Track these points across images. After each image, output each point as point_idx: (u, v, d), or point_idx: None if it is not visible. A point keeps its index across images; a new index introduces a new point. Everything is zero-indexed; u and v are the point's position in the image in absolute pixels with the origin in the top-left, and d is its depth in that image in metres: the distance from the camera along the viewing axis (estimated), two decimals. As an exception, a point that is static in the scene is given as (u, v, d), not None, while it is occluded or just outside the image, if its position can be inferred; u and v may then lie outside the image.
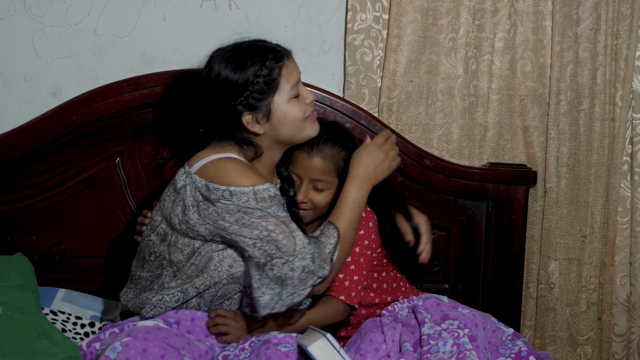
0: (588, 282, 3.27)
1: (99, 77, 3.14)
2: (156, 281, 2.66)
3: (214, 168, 2.55)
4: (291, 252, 2.52)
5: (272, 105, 2.58)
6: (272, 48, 2.61)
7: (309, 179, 2.76)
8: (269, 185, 2.53)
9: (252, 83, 2.55)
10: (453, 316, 2.64)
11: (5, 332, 2.52)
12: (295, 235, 2.53)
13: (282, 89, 2.58)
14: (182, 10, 3.13)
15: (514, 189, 3.15)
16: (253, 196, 2.50)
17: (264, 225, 2.51)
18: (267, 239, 2.51)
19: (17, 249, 3.11)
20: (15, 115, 3.13)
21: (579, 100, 3.20)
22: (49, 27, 3.13)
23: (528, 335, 3.28)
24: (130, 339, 2.43)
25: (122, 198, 3.12)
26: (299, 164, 2.76)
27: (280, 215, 2.53)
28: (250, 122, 2.58)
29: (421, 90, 3.17)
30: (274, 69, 2.57)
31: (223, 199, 2.51)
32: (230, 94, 2.56)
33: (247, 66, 2.55)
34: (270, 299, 2.55)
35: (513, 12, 3.16)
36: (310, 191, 2.76)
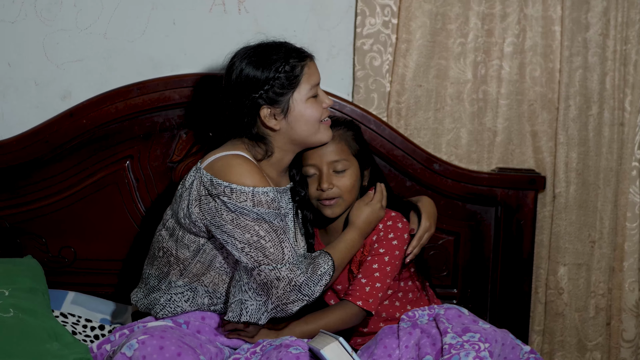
0: (597, 287, 3.27)
1: (108, 81, 3.14)
2: (164, 280, 2.68)
3: (221, 164, 2.58)
4: (279, 260, 2.54)
5: (291, 101, 2.61)
6: (296, 49, 2.66)
7: (326, 164, 2.75)
8: (269, 189, 2.55)
9: (274, 78, 2.59)
10: (474, 329, 2.62)
11: (16, 334, 2.53)
12: (284, 246, 2.55)
13: (302, 87, 2.62)
14: (192, 14, 3.14)
15: (522, 194, 3.15)
16: (251, 197, 2.52)
17: (256, 229, 2.53)
18: (256, 245, 2.53)
19: (27, 252, 3.11)
20: (25, 118, 3.14)
21: (588, 106, 3.20)
22: (59, 31, 3.13)
23: (537, 340, 3.28)
24: (147, 337, 2.44)
25: (132, 202, 3.12)
26: (311, 156, 2.76)
27: (274, 223, 2.55)
28: (267, 116, 2.61)
29: (430, 95, 3.18)
30: (296, 66, 2.61)
31: (223, 195, 2.53)
32: (251, 88, 2.59)
33: (270, 62, 2.59)
34: (256, 309, 2.58)
35: (522, 17, 3.16)
36: (332, 176, 2.75)
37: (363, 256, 2.77)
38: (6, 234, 3.11)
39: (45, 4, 3.11)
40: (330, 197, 2.75)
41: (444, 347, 2.57)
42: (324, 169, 2.75)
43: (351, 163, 2.76)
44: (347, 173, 2.76)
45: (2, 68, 3.14)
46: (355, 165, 2.78)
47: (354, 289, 2.72)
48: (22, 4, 3.11)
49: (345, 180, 2.75)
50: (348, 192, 2.76)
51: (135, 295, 2.76)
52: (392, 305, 2.81)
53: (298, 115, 2.62)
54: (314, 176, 2.77)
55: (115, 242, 3.12)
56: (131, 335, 2.51)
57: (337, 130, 2.77)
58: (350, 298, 2.71)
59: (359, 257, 2.78)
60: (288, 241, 2.57)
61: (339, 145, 2.76)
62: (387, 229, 2.77)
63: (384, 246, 2.75)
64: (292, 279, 2.55)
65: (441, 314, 2.71)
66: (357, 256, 2.78)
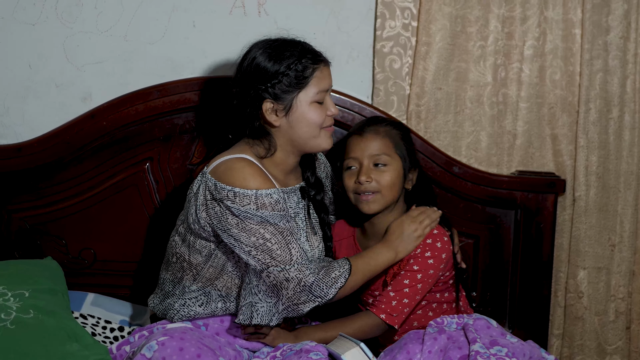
0: (617, 291, 3.26)
1: (128, 83, 3.15)
2: (178, 285, 2.69)
3: (224, 168, 2.58)
4: (287, 261, 2.53)
5: (295, 100, 2.60)
6: (313, 50, 2.65)
7: (367, 157, 2.75)
8: (273, 190, 2.54)
9: (283, 74, 2.58)
10: (502, 343, 2.61)
11: (36, 335, 2.54)
12: (291, 247, 2.54)
13: (309, 89, 2.61)
14: (212, 16, 3.15)
15: (542, 197, 3.14)
16: (254, 200, 2.51)
17: (261, 232, 2.52)
18: (262, 248, 2.53)
19: (47, 254, 3.13)
20: (46, 120, 3.15)
21: (609, 109, 3.19)
22: (80, 33, 3.15)
23: (556, 344, 3.27)
24: (166, 338, 2.45)
25: (151, 203, 3.13)
26: (354, 148, 2.77)
27: (279, 225, 2.54)
28: (269, 110, 2.60)
29: (450, 98, 3.17)
30: (308, 67, 2.60)
31: (227, 199, 2.53)
32: (259, 79, 2.59)
33: (284, 57, 2.59)
34: (267, 310, 2.58)
35: (542, 20, 3.15)
36: (372, 170, 2.75)
37: (398, 269, 2.75)
38: (27, 235, 3.13)
39: (66, 6, 3.13)
40: (368, 191, 2.74)
41: (470, 353, 2.56)
42: (365, 162, 2.75)
43: (393, 160, 2.76)
44: (387, 169, 2.75)
45: (23, 70, 3.16)
46: (397, 163, 2.77)
47: (380, 301, 2.71)
48: (43, 6, 3.12)
49: (385, 175, 2.75)
50: (387, 188, 2.75)
51: (152, 301, 2.77)
52: (425, 315, 2.80)
53: (300, 116, 2.61)
54: (354, 169, 2.77)
55: (135, 244, 3.13)
56: (151, 337, 2.52)
57: (383, 126, 2.78)
58: (374, 310, 2.71)
59: (395, 269, 2.76)
60: (296, 242, 2.56)
61: (383, 141, 2.75)
62: (426, 247, 2.74)
63: (419, 264, 2.72)
64: (302, 279, 2.54)
65: (470, 323, 2.70)
66: (394, 268, 2.76)
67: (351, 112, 3.11)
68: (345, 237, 2.90)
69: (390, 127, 2.79)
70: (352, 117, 3.10)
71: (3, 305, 2.60)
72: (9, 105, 3.18)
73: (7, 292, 2.66)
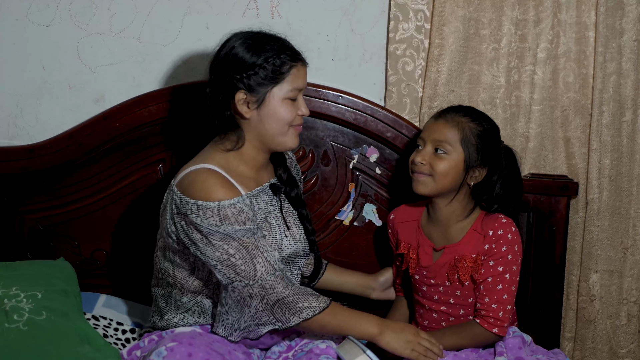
0: (629, 294, 3.25)
1: (141, 84, 3.16)
2: (169, 300, 2.70)
3: (188, 180, 2.56)
4: (251, 276, 2.51)
5: (268, 95, 2.58)
6: (292, 48, 2.63)
7: (431, 140, 2.77)
8: (236, 199, 2.52)
9: (260, 66, 2.56)
10: None
11: (48, 336, 2.54)
12: (256, 262, 2.51)
13: (284, 85, 2.59)
14: (225, 18, 3.15)
15: (555, 200, 3.14)
16: (217, 212, 2.49)
17: (225, 248, 2.51)
18: (227, 263, 2.51)
19: (59, 255, 3.14)
20: (59, 121, 3.16)
21: (622, 112, 3.18)
22: (94, 35, 3.15)
23: (568, 347, 3.26)
24: (175, 344, 2.45)
25: (164, 205, 3.13)
26: (426, 128, 2.81)
27: (243, 240, 2.51)
28: (241, 101, 2.58)
29: (462, 100, 3.17)
30: (286, 64, 2.59)
31: (191, 213, 2.51)
32: (235, 68, 2.57)
33: (263, 50, 2.57)
34: (230, 324, 2.57)
35: (556, 22, 3.15)
36: (430, 153, 2.76)
37: (475, 265, 2.78)
38: (39, 236, 3.14)
39: (80, 8, 3.13)
40: (421, 172, 2.76)
41: None
42: (427, 145, 2.77)
43: (455, 150, 2.76)
44: (445, 157, 2.76)
45: (36, 71, 3.17)
46: (459, 155, 2.76)
47: (487, 315, 2.74)
48: (57, 7, 3.13)
49: (441, 163, 2.76)
50: (440, 175, 2.76)
51: (152, 320, 2.77)
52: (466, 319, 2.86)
53: (271, 110, 2.59)
54: (419, 149, 2.80)
55: (146, 246, 3.13)
56: (160, 342, 2.51)
57: (462, 117, 2.78)
58: (486, 325, 2.74)
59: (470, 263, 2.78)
60: (262, 255, 2.52)
61: (452, 130, 2.76)
62: (499, 240, 2.77)
63: (501, 263, 2.75)
64: (264, 296, 2.51)
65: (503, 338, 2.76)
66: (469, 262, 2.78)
67: (364, 115, 3.10)
68: (408, 221, 2.92)
69: (469, 120, 2.78)
70: (364, 119, 3.10)
71: (16, 306, 2.61)
72: (22, 106, 3.18)
73: (20, 293, 2.67)
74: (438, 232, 2.86)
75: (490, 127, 2.82)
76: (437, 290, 2.84)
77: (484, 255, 2.77)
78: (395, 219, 2.95)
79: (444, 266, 2.81)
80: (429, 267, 2.84)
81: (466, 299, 2.82)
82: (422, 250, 2.86)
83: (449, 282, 2.81)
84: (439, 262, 2.83)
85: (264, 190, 2.68)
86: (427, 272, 2.84)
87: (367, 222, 3.17)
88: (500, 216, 2.81)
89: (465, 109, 2.83)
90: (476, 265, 2.77)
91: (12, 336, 2.50)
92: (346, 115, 3.11)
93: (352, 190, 3.15)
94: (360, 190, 3.16)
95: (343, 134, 3.13)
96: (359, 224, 3.17)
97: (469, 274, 2.78)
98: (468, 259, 2.78)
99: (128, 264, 3.16)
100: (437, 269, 2.82)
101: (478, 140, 2.77)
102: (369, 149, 3.14)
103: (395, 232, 2.95)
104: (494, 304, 2.74)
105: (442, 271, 2.82)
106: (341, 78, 3.16)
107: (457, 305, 2.83)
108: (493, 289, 2.75)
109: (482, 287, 2.76)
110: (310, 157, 3.13)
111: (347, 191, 3.16)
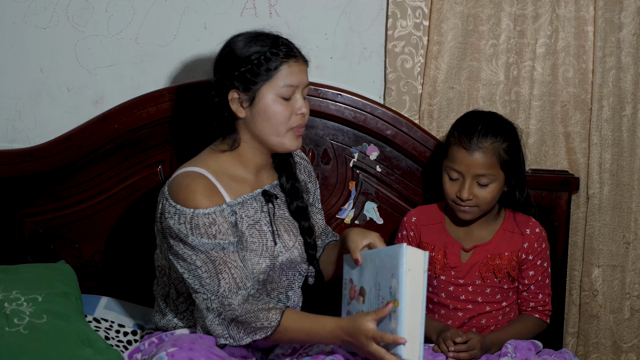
0: (632, 288, 3.25)
1: (140, 86, 3.15)
2: (168, 299, 2.70)
3: (175, 182, 2.55)
4: (214, 291, 2.49)
5: (258, 92, 2.54)
6: (287, 44, 2.59)
7: (471, 176, 2.75)
8: (213, 209, 2.50)
9: (251, 61, 2.53)
10: None
11: (49, 339, 2.55)
12: (220, 278, 2.49)
13: (275, 82, 2.54)
14: (223, 18, 3.14)
15: (556, 196, 3.13)
16: (189, 220, 2.47)
17: (193, 259, 2.49)
18: (194, 273, 2.51)
19: (60, 257, 3.13)
20: (58, 124, 3.16)
21: (622, 106, 3.17)
22: (91, 37, 3.15)
23: (571, 342, 3.26)
24: (176, 349, 2.42)
25: (164, 206, 3.13)
26: (459, 161, 2.76)
27: (210, 254, 2.49)
28: (234, 100, 2.56)
29: (462, 97, 3.16)
30: (275, 60, 2.54)
31: (169, 215, 2.51)
32: (230, 66, 2.55)
33: (254, 47, 2.55)
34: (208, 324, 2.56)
35: (555, 17, 3.14)
36: (474, 187, 2.76)
37: (510, 262, 2.84)
38: (40, 239, 3.13)
39: (77, 9, 3.13)
40: (468, 205, 2.77)
41: None
42: (468, 179, 2.76)
43: (497, 177, 2.77)
44: (490, 186, 2.77)
45: (34, 74, 3.16)
46: (501, 178, 2.78)
47: (544, 309, 2.89)
48: (54, 10, 3.13)
49: (487, 193, 2.77)
50: (486, 204, 2.79)
51: (155, 318, 2.76)
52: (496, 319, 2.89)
53: (262, 109, 2.55)
54: (457, 181, 2.78)
55: (147, 248, 3.12)
56: (160, 347, 2.48)
57: (493, 142, 2.75)
58: (544, 318, 2.89)
59: (505, 261, 2.83)
60: (228, 272, 2.49)
61: (491, 160, 2.75)
62: (538, 238, 2.88)
63: (545, 259, 2.90)
64: (222, 313, 2.50)
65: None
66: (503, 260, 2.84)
67: (363, 113, 3.10)
68: (432, 223, 2.92)
69: (500, 142, 2.76)
70: (364, 117, 3.10)
71: (16, 310, 2.61)
72: (21, 109, 3.18)
73: (20, 296, 2.67)
74: (465, 233, 2.88)
75: (514, 135, 2.83)
76: (465, 290, 2.85)
77: (523, 254, 2.84)
78: (419, 221, 2.94)
79: (475, 265, 2.84)
80: (457, 267, 2.85)
81: (494, 296, 2.86)
82: (450, 251, 2.86)
83: (479, 281, 2.84)
84: (469, 262, 2.85)
85: (255, 197, 2.64)
86: (455, 272, 2.85)
87: (368, 221, 3.17)
88: (528, 216, 2.90)
89: (493, 128, 2.79)
90: (511, 262, 2.83)
91: (13, 340, 2.50)
92: (346, 114, 3.10)
93: (352, 188, 3.15)
94: (361, 188, 3.15)
95: (343, 133, 3.13)
96: (360, 222, 3.17)
97: (504, 270, 2.83)
98: (502, 257, 2.83)
99: (129, 265, 3.16)
100: (467, 269, 2.84)
101: (510, 155, 2.79)
102: (369, 147, 3.13)
103: (417, 234, 2.93)
104: (547, 297, 2.88)
105: (472, 270, 2.84)
106: (340, 76, 3.16)
107: (485, 303, 2.86)
108: (543, 285, 2.87)
109: (533, 287, 2.86)
110: (310, 156, 3.12)
111: (348, 190, 3.15)
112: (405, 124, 3.10)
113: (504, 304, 2.87)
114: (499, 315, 2.87)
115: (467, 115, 2.90)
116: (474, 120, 2.82)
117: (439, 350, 2.69)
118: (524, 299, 2.88)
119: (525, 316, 2.88)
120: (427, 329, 2.72)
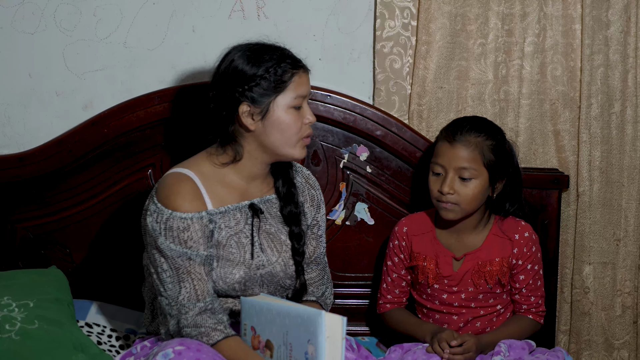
0: (623, 285, 3.25)
1: (130, 89, 3.15)
2: (155, 303, 2.69)
3: (162, 182, 2.57)
4: (174, 297, 2.51)
5: (272, 104, 2.55)
6: (292, 56, 2.60)
7: (453, 169, 2.76)
8: (190, 215, 2.50)
9: (261, 77, 2.53)
10: None
11: (41, 345, 2.54)
12: (182, 287, 2.50)
13: (287, 93, 2.56)
14: (211, 21, 3.14)
15: (546, 194, 3.14)
16: (165, 220, 2.49)
17: (161, 261, 2.51)
18: (160, 276, 2.52)
19: (51, 262, 3.12)
20: (47, 129, 3.15)
21: (610, 104, 3.18)
22: (79, 41, 3.14)
23: (563, 340, 3.26)
24: (183, 348, 2.40)
25: (155, 210, 3.12)
26: (442, 154, 2.78)
27: (176, 261, 2.50)
28: (245, 113, 2.55)
29: (451, 96, 3.17)
30: (287, 72, 2.56)
31: (149, 213, 2.53)
32: (237, 81, 2.55)
33: (263, 61, 2.55)
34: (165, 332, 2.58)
35: (542, 16, 3.15)
36: (456, 182, 2.76)
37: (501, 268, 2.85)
38: (31, 244, 3.13)
39: (65, 14, 3.12)
40: (449, 201, 2.76)
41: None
42: (450, 173, 2.76)
43: (480, 173, 2.77)
44: (472, 182, 2.76)
45: (23, 79, 3.15)
46: (484, 176, 2.78)
47: (537, 310, 2.89)
48: (41, 15, 3.12)
49: (468, 189, 2.76)
50: (467, 202, 2.77)
51: (145, 320, 2.77)
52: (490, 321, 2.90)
53: (276, 120, 2.56)
54: (439, 176, 2.79)
55: (139, 252, 3.12)
56: (167, 344, 2.45)
57: (476, 137, 2.77)
58: (537, 319, 2.88)
59: (496, 267, 2.84)
60: (191, 283, 2.50)
61: (473, 154, 2.76)
62: (527, 242, 2.87)
63: (535, 262, 2.90)
64: (180, 320, 2.51)
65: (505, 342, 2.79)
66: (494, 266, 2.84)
67: (353, 114, 3.10)
68: (423, 232, 2.92)
69: (483, 137, 2.78)
70: (353, 118, 3.10)
71: (7, 316, 2.60)
72: (10, 114, 3.17)
73: (11, 302, 2.66)
74: (455, 240, 2.88)
75: (501, 137, 2.85)
76: (458, 297, 2.86)
77: (513, 259, 2.84)
78: (410, 231, 2.93)
79: (467, 273, 2.84)
80: (450, 276, 2.85)
81: (487, 301, 2.87)
82: (442, 261, 2.86)
83: (472, 288, 2.84)
84: (461, 270, 2.85)
85: (240, 208, 2.63)
86: (448, 281, 2.86)
87: (359, 221, 3.17)
88: (518, 219, 2.89)
89: (478, 126, 2.82)
90: (502, 268, 2.83)
91: (5, 346, 2.48)
92: (335, 115, 3.10)
93: (343, 189, 3.15)
94: (352, 189, 3.16)
95: (332, 134, 3.13)
96: (351, 223, 3.17)
97: (495, 276, 2.83)
98: (493, 263, 2.83)
99: (120, 270, 3.15)
100: (460, 277, 2.85)
101: (494, 155, 2.79)
102: (359, 148, 3.13)
103: (409, 244, 2.93)
104: (539, 299, 2.87)
105: (465, 278, 2.85)
106: (329, 77, 3.16)
107: (478, 308, 2.87)
108: (535, 287, 2.86)
109: (525, 290, 2.86)
110: (300, 157, 3.12)
111: (339, 191, 3.15)
112: (394, 124, 3.11)
113: (498, 306, 2.88)
114: (493, 317, 2.88)
115: (457, 118, 2.92)
116: (462, 120, 2.86)
117: (433, 352, 2.70)
118: (517, 302, 2.89)
119: (519, 317, 2.89)
120: (420, 331, 2.75)
